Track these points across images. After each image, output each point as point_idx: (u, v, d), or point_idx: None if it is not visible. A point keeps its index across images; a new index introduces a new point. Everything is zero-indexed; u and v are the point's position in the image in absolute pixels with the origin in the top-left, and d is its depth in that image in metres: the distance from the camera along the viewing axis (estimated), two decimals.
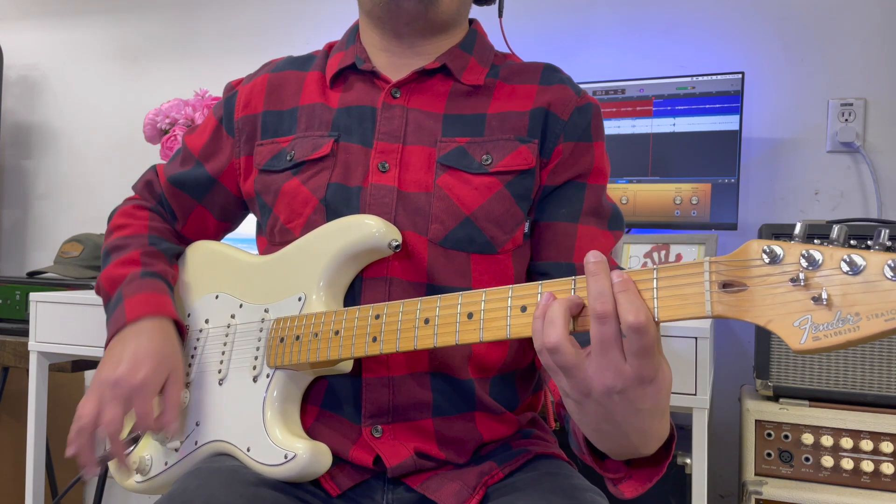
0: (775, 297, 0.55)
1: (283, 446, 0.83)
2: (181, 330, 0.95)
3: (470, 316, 0.71)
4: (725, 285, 0.58)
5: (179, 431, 0.92)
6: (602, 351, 0.61)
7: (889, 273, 0.50)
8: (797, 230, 0.56)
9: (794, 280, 0.54)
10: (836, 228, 0.54)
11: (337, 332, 0.81)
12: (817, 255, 0.53)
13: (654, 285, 0.61)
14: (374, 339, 0.78)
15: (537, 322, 0.64)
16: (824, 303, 0.52)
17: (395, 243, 0.84)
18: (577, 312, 0.64)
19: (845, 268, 0.52)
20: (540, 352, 0.64)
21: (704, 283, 0.58)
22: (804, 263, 0.54)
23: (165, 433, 0.89)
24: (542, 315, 0.64)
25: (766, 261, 0.56)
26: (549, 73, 0.97)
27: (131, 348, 0.88)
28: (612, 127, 1.73)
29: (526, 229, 0.93)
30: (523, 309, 0.68)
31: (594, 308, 0.61)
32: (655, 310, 0.61)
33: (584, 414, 0.65)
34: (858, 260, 0.51)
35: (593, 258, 0.63)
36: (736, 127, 1.63)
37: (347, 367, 0.85)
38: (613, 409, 0.63)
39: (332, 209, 0.90)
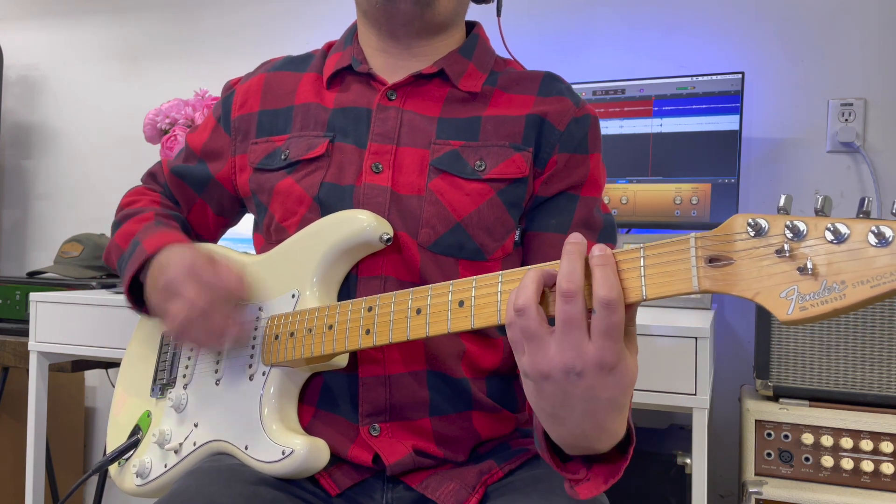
0: (761, 269, 0.55)
1: (281, 442, 0.83)
2: None
3: (461, 304, 0.71)
4: (712, 260, 0.57)
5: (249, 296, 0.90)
6: (566, 330, 0.60)
7: (873, 239, 0.50)
8: (781, 202, 0.56)
9: (780, 251, 0.54)
10: (819, 198, 0.54)
11: (330, 327, 0.81)
12: (801, 226, 0.53)
13: (642, 263, 0.61)
14: (368, 332, 0.78)
15: (511, 294, 0.64)
16: (810, 272, 0.52)
17: (386, 236, 0.84)
18: (551, 283, 0.64)
19: (829, 237, 0.52)
20: (509, 325, 0.63)
21: (691, 259, 0.58)
22: (789, 234, 0.53)
23: (245, 298, 0.87)
24: (516, 288, 0.64)
25: (752, 234, 0.56)
26: (548, 83, 0.95)
27: (165, 260, 0.88)
28: (612, 127, 1.73)
29: (516, 237, 0.92)
30: None
31: (561, 285, 0.61)
32: (643, 287, 0.60)
33: (542, 396, 0.64)
34: (842, 228, 0.51)
35: (573, 239, 0.62)
36: (736, 127, 1.62)
37: (343, 361, 0.85)
38: (570, 392, 0.62)
39: (327, 207, 0.90)
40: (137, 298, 0.97)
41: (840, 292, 0.51)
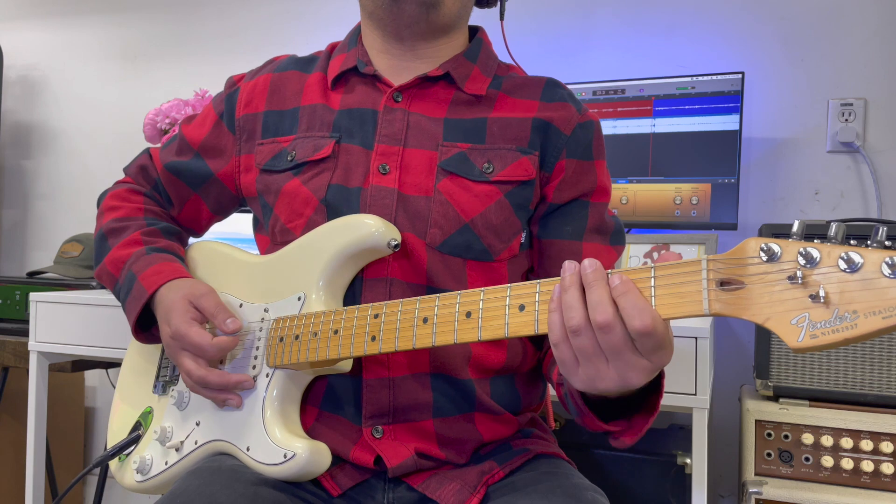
0: (773, 294, 0.55)
1: (283, 445, 0.83)
2: None
3: (468, 315, 0.71)
4: (723, 283, 0.58)
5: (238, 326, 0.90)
6: (616, 356, 0.62)
7: (887, 270, 0.50)
8: (795, 228, 0.56)
9: (792, 278, 0.54)
10: (833, 226, 0.54)
11: (336, 332, 0.81)
12: (815, 253, 0.53)
13: (652, 283, 0.61)
14: (373, 339, 0.78)
15: (554, 315, 0.64)
16: (822, 300, 0.52)
17: (394, 242, 0.84)
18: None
19: (843, 265, 0.52)
20: (559, 344, 0.64)
21: (702, 282, 0.58)
22: (802, 261, 0.54)
23: (235, 331, 0.88)
24: (558, 307, 0.64)
25: (764, 259, 0.56)
26: (550, 89, 0.97)
27: (164, 310, 0.90)
28: (612, 127, 1.73)
29: (523, 239, 0.93)
30: (521, 308, 0.68)
31: (595, 319, 0.61)
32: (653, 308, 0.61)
33: (594, 388, 0.66)
34: (856, 258, 0.51)
35: (590, 267, 0.63)
36: (736, 127, 1.63)
37: (347, 366, 0.85)
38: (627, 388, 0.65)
39: (333, 209, 0.90)
40: (144, 325, 0.98)
41: (852, 322, 0.51)
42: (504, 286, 0.69)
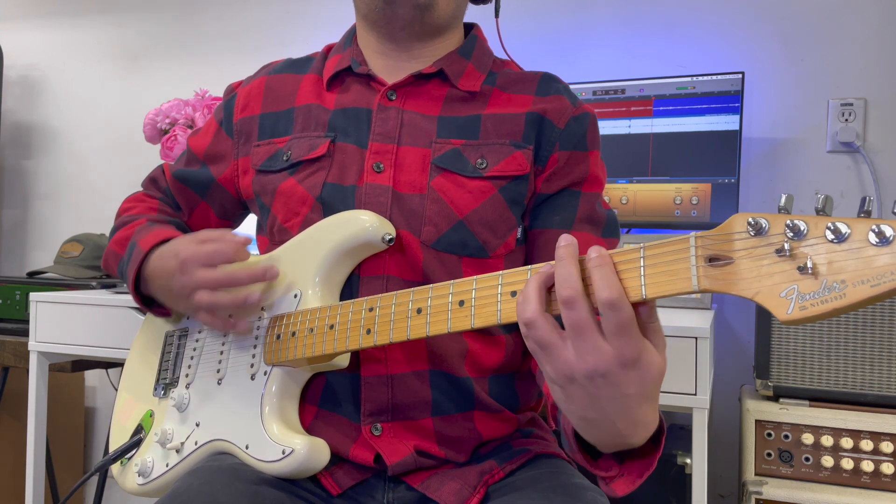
0: (761, 268, 0.54)
1: (281, 442, 0.83)
2: None
3: (461, 304, 0.71)
4: (712, 259, 0.57)
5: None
6: (577, 335, 0.60)
7: (873, 238, 0.50)
8: (782, 201, 0.55)
9: (780, 251, 0.53)
10: (820, 198, 0.53)
11: (332, 327, 0.81)
12: (802, 225, 0.53)
13: (642, 263, 0.60)
14: (368, 331, 0.78)
15: (518, 306, 0.64)
16: (810, 272, 0.52)
17: (388, 237, 0.84)
18: (552, 285, 0.63)
19: (830, 236, 0.51)
20: (524, 336, 0.64)
21: (691, 259, 0.58)
22: (789, 234, 0.53)
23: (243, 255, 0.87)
24: (521, 295, 0.64)
25: (752, 233, 0.55)
26: (545, 83, 0.96)
27: (169, 248, 0.90)
28: (612, 127, 1.73)
29: (519, 235, 0.93)
30: (513, 294, 0.68)
31: (560, 293, 0.60)
32: (643, 287, 0.60)
33: (570, 400, 0.64)
34: (843, 227, 0.51)
35: (563, 242, 0.62)
36: (736, 127, 1.63)
37: (344, 361, 0.85)
38: (598, 395, 0.62)
39: (329, 207, 0.90)
40: (144, 298, 0.99)
41: (840, 291, 0.51)
42: (496, 273, 0.69)
